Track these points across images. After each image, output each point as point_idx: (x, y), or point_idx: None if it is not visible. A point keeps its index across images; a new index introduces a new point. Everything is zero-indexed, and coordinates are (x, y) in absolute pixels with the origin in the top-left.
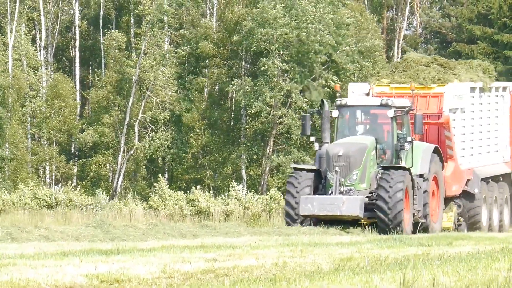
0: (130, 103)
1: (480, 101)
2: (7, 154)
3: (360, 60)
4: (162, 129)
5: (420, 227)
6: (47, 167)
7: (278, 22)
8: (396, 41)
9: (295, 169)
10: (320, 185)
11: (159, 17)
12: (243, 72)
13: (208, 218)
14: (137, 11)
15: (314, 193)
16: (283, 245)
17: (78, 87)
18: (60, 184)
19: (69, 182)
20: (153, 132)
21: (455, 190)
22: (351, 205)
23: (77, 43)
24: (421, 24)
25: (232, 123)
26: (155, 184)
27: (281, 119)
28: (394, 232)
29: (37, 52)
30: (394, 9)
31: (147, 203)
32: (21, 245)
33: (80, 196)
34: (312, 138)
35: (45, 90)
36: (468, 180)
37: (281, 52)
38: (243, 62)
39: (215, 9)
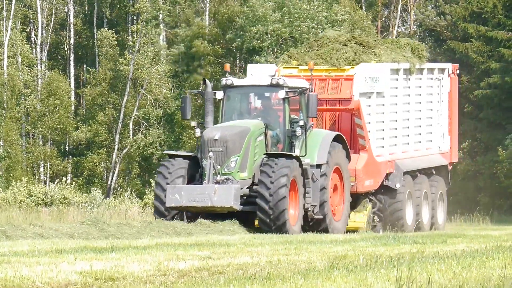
0: (124, 101)
1: (407, 84)
2: (1, 152)
3: None
4: (155, 126)
5: (321, 226)
6: (41, 165)
7: (269, 19)
8: (390, 38)
9: (169, 156)
10: (197, 174)
11: (154, 15)
12: (237, 70)
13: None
14: (132, 9)
15: (190, 183)
16: (278, 243)
17: (72, 85)
18: (56, 182)
19: (63, 179)
20: (146, 129)
21: (369, 185)
22: (224, 195)
23: (72, 41)
24: (416, 22)
25: None
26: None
27: None
28: (278, 233)
29: (32, 50)
30: (387, 7)
31: (142, 201)
32: (15, 242)
33: (74, 194)
34: (193, 123)
35: (40, 88)
36: (388, 174)
37: (275, 49)
38: (237, 60)
39: (207, 7)
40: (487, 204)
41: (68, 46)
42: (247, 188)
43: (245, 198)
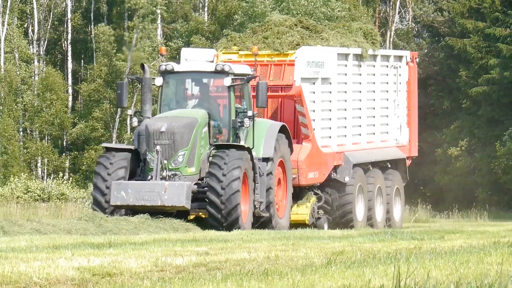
0: None
1: (358, 71)
2: None
3: None
4: None
5: (267, 226)
6: (39, 161)
7: (268, 15)
8: (388, 34)
9: (107, 149)
10: (139, 169)
11: (151, 10)
12: None
13: None
14: (129, 5)
15: (131, 179)
16: (275, 238)
17: (70, 81)
18: (52, 177)
19: (61, 174)
20: None
21: (313, 178)
22: (175, 194)
23: (69, 37)
24: (414, 18)
25: None
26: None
27: None
28: (229, 229)
29: (29, 45)
30: (385, 3)
31: None
32: (13, 238)
33: (72, 189)
34: (130, 111)
35: (37, 83)
36: (337, 166)
37: None
38: None
39: (206, 2)
40: (485, 200)
41: (66, 42)
42: (195, 184)
43: (191, 194)
